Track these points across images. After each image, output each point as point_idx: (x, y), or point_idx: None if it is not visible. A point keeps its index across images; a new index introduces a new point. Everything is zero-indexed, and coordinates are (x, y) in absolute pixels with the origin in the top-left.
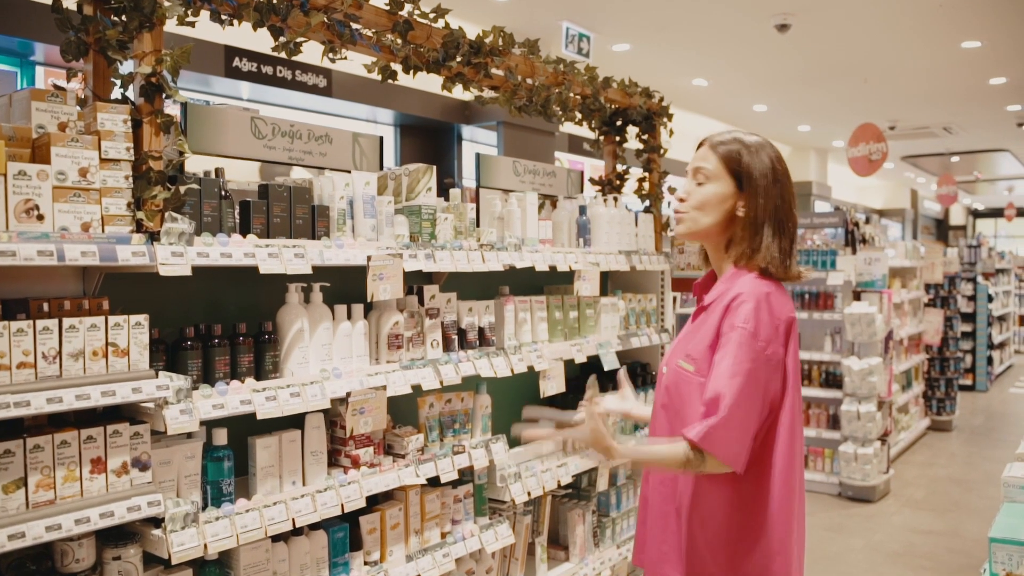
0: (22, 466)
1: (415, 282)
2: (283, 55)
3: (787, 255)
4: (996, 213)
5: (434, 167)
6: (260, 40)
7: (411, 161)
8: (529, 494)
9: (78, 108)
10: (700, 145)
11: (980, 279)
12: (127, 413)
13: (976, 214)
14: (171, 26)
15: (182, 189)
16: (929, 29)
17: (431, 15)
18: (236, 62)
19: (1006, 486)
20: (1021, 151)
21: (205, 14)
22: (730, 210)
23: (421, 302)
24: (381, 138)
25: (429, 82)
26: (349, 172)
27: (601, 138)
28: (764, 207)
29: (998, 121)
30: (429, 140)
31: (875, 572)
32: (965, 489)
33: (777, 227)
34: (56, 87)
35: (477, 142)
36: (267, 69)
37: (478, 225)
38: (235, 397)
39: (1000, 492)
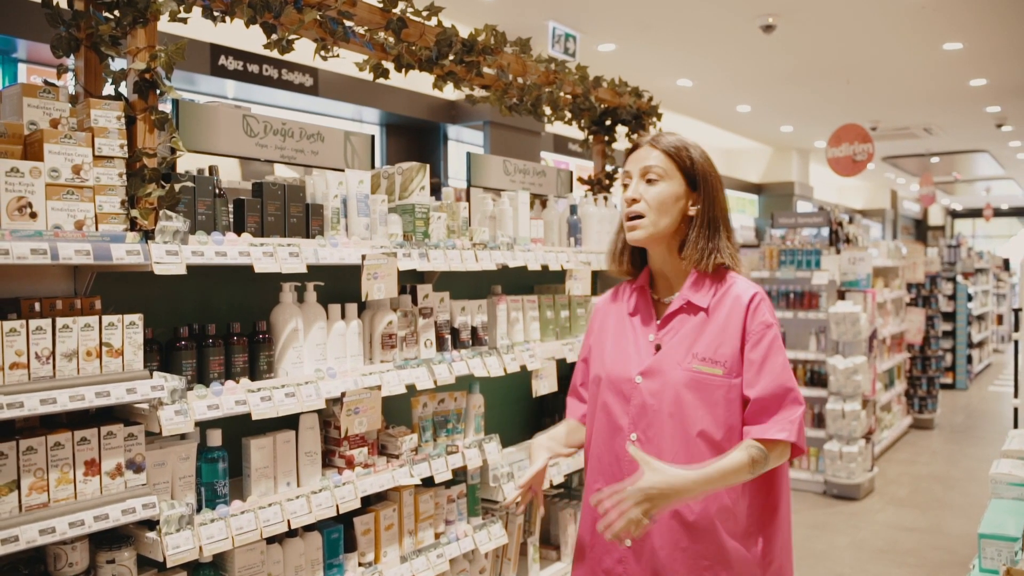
0: (15, 468)
1: (407, 281)
2: (270, 53)
3: (737, 251)
4: (974, 213)
5: (427, 166)
6: (246, 38)
7: (397, 160)
8: None
9: (70, 105)
10: (634, 148)
11: (960, 279)
12: (121, 414)
13: (955, 214)
14: (161, 23)
15: (176, 187)
16: (911, 31)
17: (424, 13)
18: (222, 60)
19: (994, 482)
20: (999, 152)
21: (197, 10)
22: (683, 210)
23: (414, 301)
24: (373, 136)
25: (416, 81)
26: (341, 171)
27: (590, 138)
28: (716, 206)
29: (977, 122)
30: (415, 139)
31: (860, 569)
32: (947, 486)
33: (726, 225)
34: (47, 83)
35: (463, 142)
36: (253, 68)
37: (470, 224)
38: (230, 397)
39: (981, 489)
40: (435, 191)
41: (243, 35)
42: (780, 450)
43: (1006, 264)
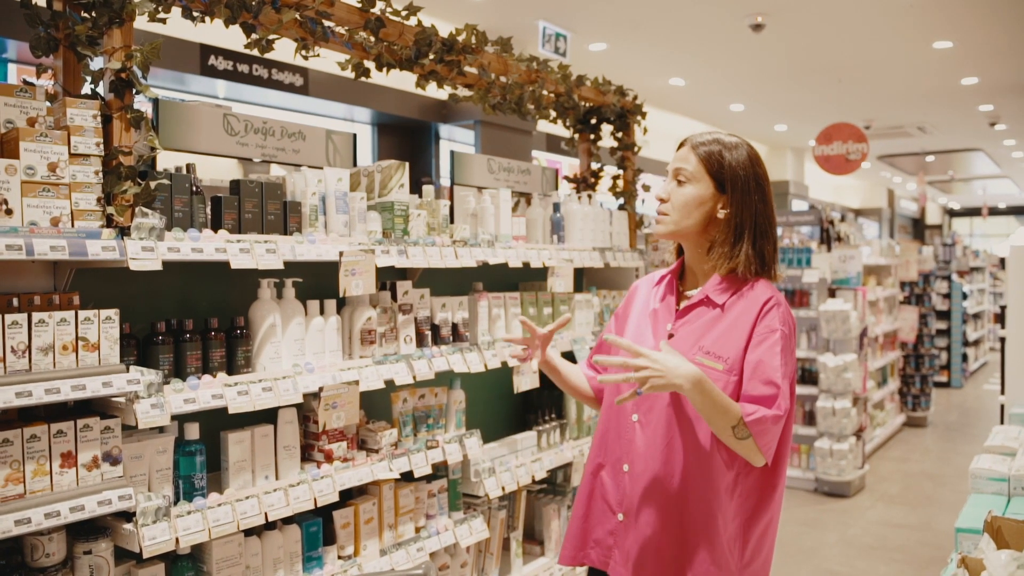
0: None
1: (389, 278)
2: (258, 53)
3: (772, 259)
4: (972, 212)
5: (407, 163)
6: (236, 38)
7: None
8: (503, 489)
9: (48, 103)
10: (681, 145)
11: (955, 277)
12: (98, 407)
13: (952, 213)
14: (147, 24)
15: (152, 184)
16: (901, 29)
17: (403, 13)
18: (212, 60)
19: (973, 477)
20: (994, 151)
21: (176, 11)
22: (710, 212)
23: (394, 298)
24: (354, 135)
25: (406, 81)
26: (322, 169)
27: (576, 136)
28: (744, 210)
29: (971, 121)
30: (407, 139)
31: (849, 565)
32: (938, 483)
33: (758, 232)
34: (25, 83)
35: (455, 141)
36: (243, 67)
37: (452, 222)
38: (207, 391)
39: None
40: (419, 189)
41: (232, 35)
42: (753, 444)
43: (1002, 263)
